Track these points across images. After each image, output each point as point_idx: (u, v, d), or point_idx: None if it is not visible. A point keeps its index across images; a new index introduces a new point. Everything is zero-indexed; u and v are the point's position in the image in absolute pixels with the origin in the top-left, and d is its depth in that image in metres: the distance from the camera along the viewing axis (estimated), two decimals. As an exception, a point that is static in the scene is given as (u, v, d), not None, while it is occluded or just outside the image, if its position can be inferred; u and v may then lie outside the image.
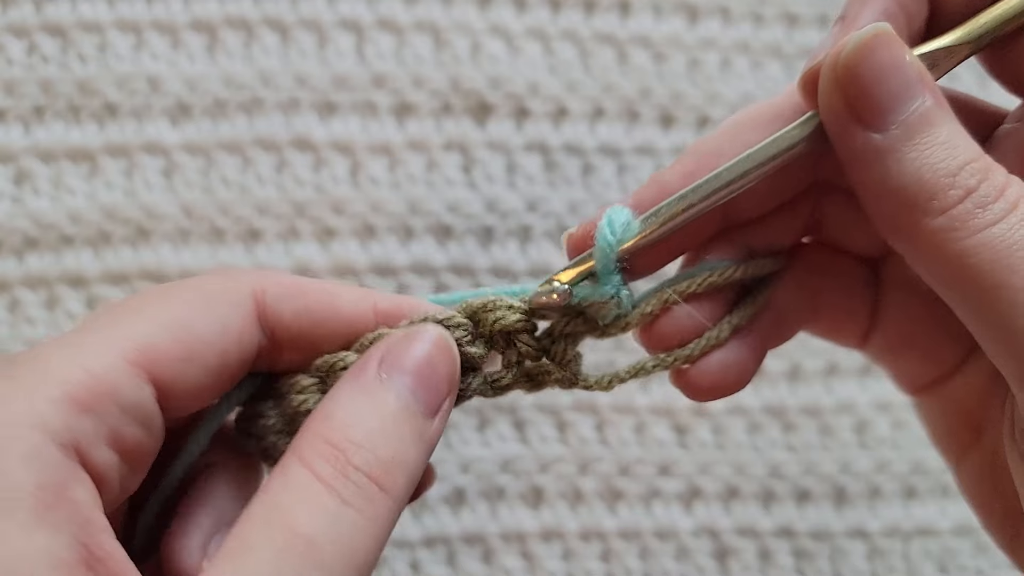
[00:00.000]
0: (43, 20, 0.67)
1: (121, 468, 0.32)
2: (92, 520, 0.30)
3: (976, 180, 0.31)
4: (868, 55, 0.31)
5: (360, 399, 0.33)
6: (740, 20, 0.71)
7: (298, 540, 0.29)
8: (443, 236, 0.67)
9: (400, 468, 0.33)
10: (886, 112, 0.31)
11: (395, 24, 0.69)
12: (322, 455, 0.32)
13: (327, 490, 0.31)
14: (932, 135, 0.31)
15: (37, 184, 0.65)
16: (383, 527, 0.32)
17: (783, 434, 0.67)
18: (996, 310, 0.30)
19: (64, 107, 0.66)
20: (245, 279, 0.36)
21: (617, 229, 0.35)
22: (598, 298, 0.36)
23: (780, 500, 0.66)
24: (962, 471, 0.41)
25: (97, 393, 0.30)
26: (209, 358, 0.34)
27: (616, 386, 0.38)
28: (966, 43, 0.33)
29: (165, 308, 0.34)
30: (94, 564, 0.29)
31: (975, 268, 0.30)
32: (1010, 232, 0.30)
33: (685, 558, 0.65)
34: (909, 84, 0.31)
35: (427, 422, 0.34)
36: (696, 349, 0.37)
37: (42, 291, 0.64)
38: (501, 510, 0.64)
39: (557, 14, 0.70)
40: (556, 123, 0.69)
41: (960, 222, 0.30)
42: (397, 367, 0.34)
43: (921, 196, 0.31)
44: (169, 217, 0.65)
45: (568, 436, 0.66)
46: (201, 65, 0.67)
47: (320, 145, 0.67)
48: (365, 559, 0.31)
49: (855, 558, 0.66)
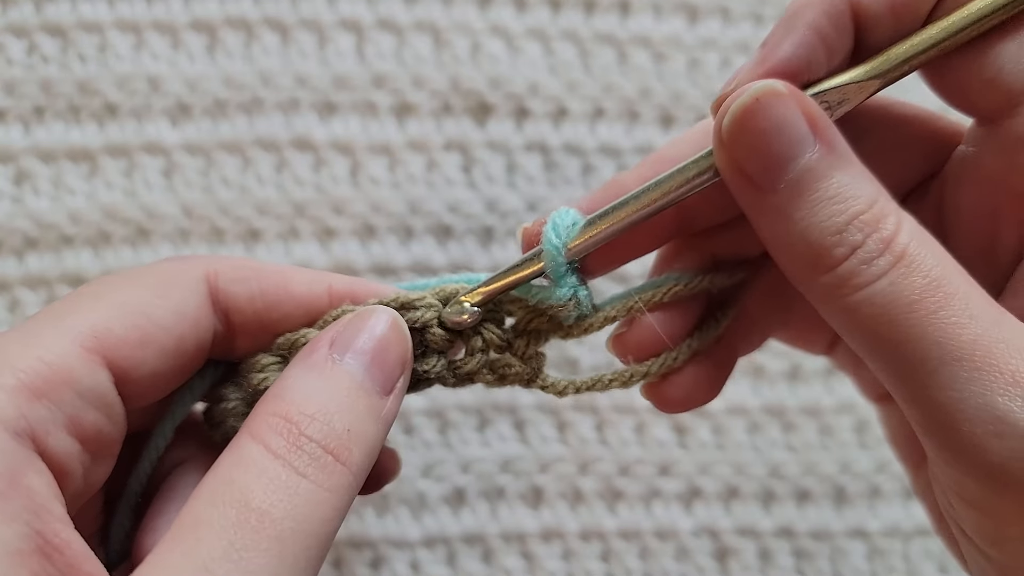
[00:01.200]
0: (43, 20, 0.67)
1: (83, 457, 0.32)
2: (48, 509, 0.29)
3: (863, 235, 0.31)
4: (749, 119, 0.32)
5: (311, 377, 0.33)
6: (740, 20, 0.71)
7: (251, 514, 0.29)
8: (443, 236, 0.67)
9: (356, 442, 0.32)
10: (772, 173, 0.31)
11: (395, 24, 0.69)
12: (274, 429, 0.31)
13: (280, 462, 0.30)
14: (820, 191, 0.31)
15: (37, 184, 0.65)
16: (341, 499, 0.31)
17: (783, 434, 0.67)
18: (884, 361, 0.31)
19: (64, 107, 0.66)
20: (198, 263, 0.36)
21: (562, 232, 0.35)
22: (555, 301, 0.36)
23: (780, 500, 0.66)
24: (919, 477, 0.41)
25: (52, 381, 0.30)
26: (166, 342, 0.33)
27: (570, 394, 0.38)
28: (875, 78, 0.33)
29: (120, 294, 0.33)
30: (50, 552, 0.29)
31: (863, 323, 0.31)
32: (891, 288, 0.30)
33: (685, 558, 0.65)
34: (794, 142, 0.31)
35: (381, 400, 0.34)
36: (654, 368, 0.37)
37: (42, 291, 0.64)
38: (501, 510, 0.64)
39: (557, 14, 0.70)
40: (556, 123, 0.69)
41: (845, 279, 0.31)
42: (348, 347, 0.34)
43: (809, 255, 0.31)
44: (169, 217, 0.65)
45: (568, 436, 0.66)
46: (201, 65, 0.67)
47: (320, 145, 0.67)
48: (322, 530, 0.30)
49: (855, 558, 0.66)
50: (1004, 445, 0.29)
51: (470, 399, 0.65)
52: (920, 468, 0.41)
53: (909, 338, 0.30)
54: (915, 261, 0.30)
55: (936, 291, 0.30)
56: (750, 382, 0.67)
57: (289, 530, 0.29)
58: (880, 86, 0.34)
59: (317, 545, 0.30)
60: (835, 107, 0.34)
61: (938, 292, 0.30)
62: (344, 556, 0.63)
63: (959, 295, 0.30)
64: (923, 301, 0.30)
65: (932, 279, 0.30)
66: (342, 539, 0.47)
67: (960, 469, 0.30)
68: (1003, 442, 0.29)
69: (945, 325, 0.30)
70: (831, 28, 0.33)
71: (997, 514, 0.30)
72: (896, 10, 0.33)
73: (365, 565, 0.63)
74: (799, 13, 0.33)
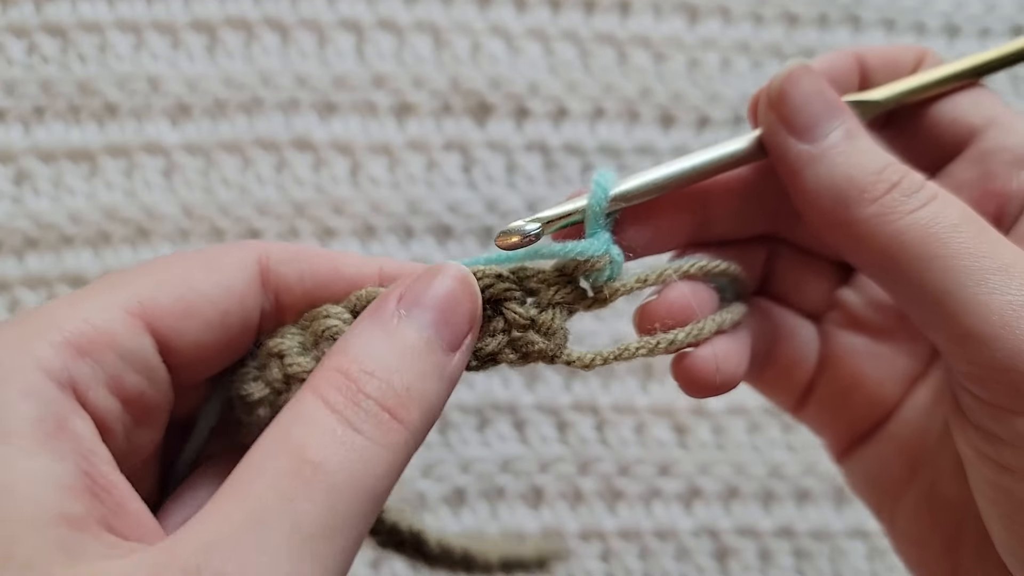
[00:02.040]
0: (43, 20, 0.67)
1: (124, 417, 0.33)
2: (94, 451, 0.30)
3: (899, 176, 0.36)
4: (795, 82, 0.37)
5: (376, 334, 0.33)
6: (740, 20, 0.71)
7: (306, 465, 0.29)
8: (443, 236, 0.67)
9: (416, 401, 0.32)
10: (814, 126, 0.37)
11: (395, 24, 0.69)
12: (334, 384, 0.31)
13: (337, 417, 0.31)
14: (855, 144, 0.37)
15: (37, 184, 0.65)
16: (396, 456, 0.31)
17: (783, 434, 0.67)
18: (930, 279, 0.34)
19: (64, 107, 0.66)
20: (251, 245, 0.37)
21: (608, 181, 0.37)
22: (593, 253, 0.36)
23: (780, 500, 0.66)
24: (898, 516, 0.42)
25: (96, 341, 0.31)
26: (210, 314, 0.34)
27: (599, 365, 0.38)
28: (874, 101, 0.40)
29: (169, 268, 0.35)
30: (98, 492, 0.29)
31: (908, 245, 0.34)
32: (935, 214, 0.34)
33: (685, 558, 0.65)
34: (831, 107, 0.37)
35: (447, 356, 0.34)
36: (680, 336, 0.37)
37: (42, 291, 0.64)
38: (501, 510, 0.64)
39: (557, 14, 0.70)
40: (556, 123, 0.69)
41: (890, 208, 0.35)
42: (417, 303, 0.34)
43: (852, 190, 0.36)
44: (169, 217, 0.65)
45: (568, 436, 0.66)
46: (201, 65, 0.67)
47: (320, 145, 0.67)
48: (375, 487, 0.30)
49: (855, 558, 0.66)
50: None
51: (470, 399, 0.65)
52: (899, 505, 0.42)
53: (960, 252, 0.34)
54: (948, 199, 0.35)
55: (974, 221, 0.35)
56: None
57: (343, 483, 0.29)
58: (877, 111, 0.40)
59: (370, 500, 0.30)
60: None
61: (976, 222, 0.35)
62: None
63: (991, 229, 0.35)
64: (965, 224, 0.34)
65: (968, 213, 0.35)
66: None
67: (992, 352, 0.33)
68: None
69: (989, 244, 0.34)
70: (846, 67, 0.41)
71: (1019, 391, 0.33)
72: (888, 66, 0.41)
73: (365, 564, 0.63)
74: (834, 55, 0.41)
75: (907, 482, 0.42)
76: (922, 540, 0.41)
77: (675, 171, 0.38)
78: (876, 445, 0.43)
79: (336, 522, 0.29)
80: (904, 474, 0.42)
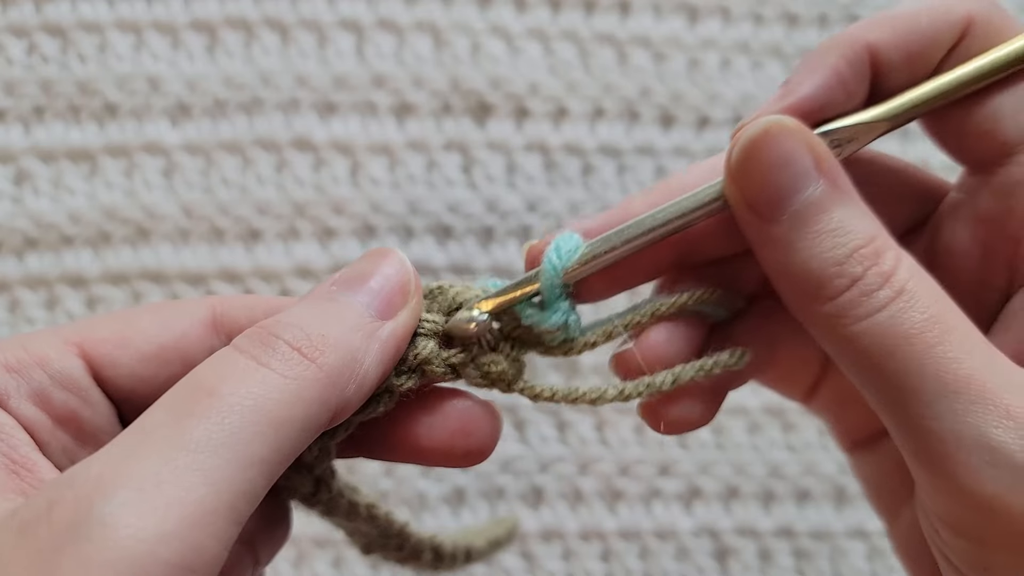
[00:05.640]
0: (43, 20, 0.67)
1: (58, 434, 0.34)
2: (15, 436, 0.32)
3: (862, 268, 0.32)
4: (757, 152, 0.33)
5: (303, 304, 0.34)
6: (740, 20, 0.71)
7: (200, 390, 0.29)
8: (443, 236, 0.67)
9: (332, 347, 0.31)
10: (775, 205, 0.33)
11: (395, 24, 0.69)
12: (248, 334, 0.32)
13: (244, 355, 0.31)
14: (822, 223, 0.32)
15: (37, 184, 0.65)
16: (301, 388, 0.30)
17: (783, 434, 0.67)
18: (880, 391, 0.32)
19: (64, 107, 0.66)
20: (205, 298, 0.38)
21: (564, 255, 0.35)
22: (547, 326, 0.36)
23: (780, 500, 0.66)
24: (897, 525, 0.42)
25: (24, 360, 0.33)
26: (144, 347, 0.35)
27: (544, 401, 0.38)
28: (883, 120, 0.35)
29: (116, 313, 0.37)
30: (16, 469, 0.31)
31: (861, 352, 0.32)
32: (893, 318, 0.31)
33: (685, 558, 0.65)
34: (799, 176, 0.33)
35: (375, 321, 0.33)
36: (633, 391, 0.37)
37: (42, 291, 0.64)
38: (501, 510, 0.64)
39: (557, 14, 0.70)
40: (556, 123, 0.69)
41: (846, 310, 0.32)
42: (349, 284, 0.34)
43: (810, 285, 0.32)
44: (169, 217, 0.65)
45: (568, 436, 0.66)
46: (201, 65, 0.67)
47: (320, 145, 0.67)
48: (274, 411, 0.29)
49: (855, 558, 0.66)
50: (997, 475, 0.30)
51: (470, 399, 0.65)
52: (897, 518, 0.42)
53: (907, 370, 0.31)
54: (914, 296, 0.32)
55: (934, 326, 0.31)
56: (750, 382, 0.67)
57: (236, 404, 0.29)
58: (888, 128, 0.35)
59: (268, 424, 0.29)
60: (845, 145, 0.35)
61: (936, 327, 0.31)
62: (343, 555, 0.63)
63: (956, 331, 0.31)
64: (922, 335, 0.31)
65: (930, 315, 0.31)
66: (342, 538, 0.46)
67: (952, 497, 0.31)
68: (996, 472, 0.30)
69: (942, 359, 0.31)
70: (850, 72, 0.35)
71: (985, 541, 0.31)
72: (911, 59, 0.35)
73: (365, 564, 0.63)
74: (822, 55, 0.35)
75: (904, 500, 0.41)
76: (918, 555, 0.40)
77: (641, 238, 0.35)
78: (877, 454, 0.42)
79: (224, 438, 0.28)
80: (901, 491, 0.41)
